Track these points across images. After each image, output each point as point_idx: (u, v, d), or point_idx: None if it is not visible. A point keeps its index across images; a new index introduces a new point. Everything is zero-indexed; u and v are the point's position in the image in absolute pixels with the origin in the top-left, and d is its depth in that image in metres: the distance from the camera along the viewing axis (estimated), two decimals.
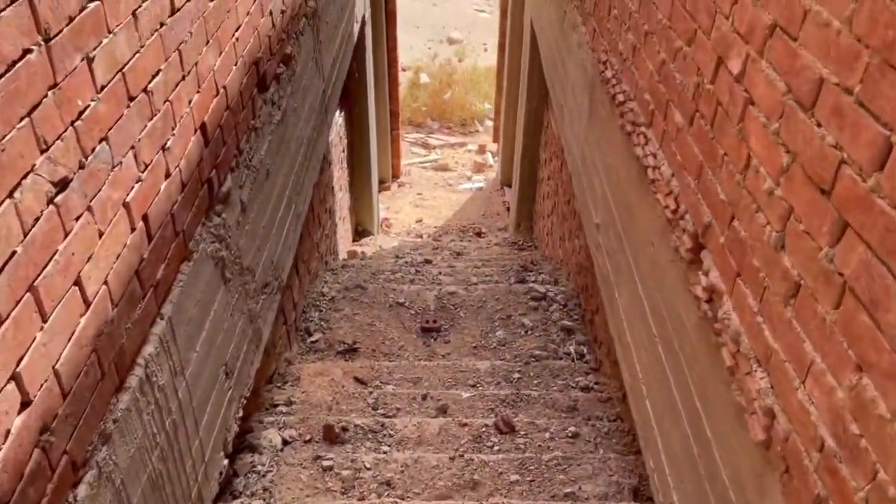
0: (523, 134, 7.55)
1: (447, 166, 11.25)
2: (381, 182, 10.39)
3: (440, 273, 6.16)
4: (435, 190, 10.55)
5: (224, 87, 2.68)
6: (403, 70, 15.57)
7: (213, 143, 2.56)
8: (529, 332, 4.86)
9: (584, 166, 4.08)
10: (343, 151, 6.99)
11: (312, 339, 4.75)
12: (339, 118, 6.75)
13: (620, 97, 3.22)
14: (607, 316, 3.46)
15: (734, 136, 1.98)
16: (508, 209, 9.79)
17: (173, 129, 2.18)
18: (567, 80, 4.65)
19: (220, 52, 2.63)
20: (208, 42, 2.49)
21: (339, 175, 6.78)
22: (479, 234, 9.16)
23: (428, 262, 6.64)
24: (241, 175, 2.90)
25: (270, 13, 3.35)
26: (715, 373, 2.10)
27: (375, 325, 4.94)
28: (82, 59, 1.62)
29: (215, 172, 2.59)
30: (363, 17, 6.75)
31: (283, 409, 3.91)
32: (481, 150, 12.07)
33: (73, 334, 1.61)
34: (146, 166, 2.00)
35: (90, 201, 1.68)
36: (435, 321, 4.97)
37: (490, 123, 13.40)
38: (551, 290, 5.28)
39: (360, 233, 8.14)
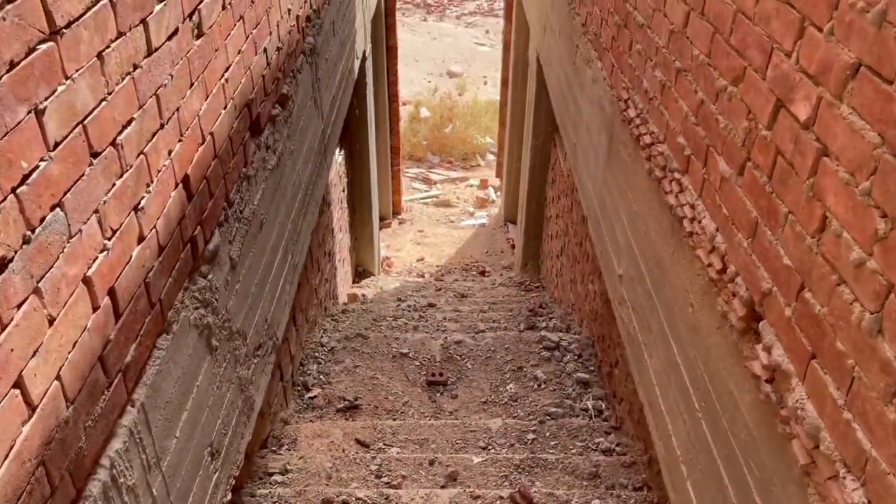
0: (529, 171, 7.30)
1: (449, 202, 10.99)
2: (382, 219, 10.12)
3: (445, 318, 5.84)
4: (436, 226, 10.28)
5: (211, 134, 2.40)
6: (404, 104, 15.42)
7: (198, 198, 2.27)
8: (543, 386, 4.53)
9: (602, 210, 3.80)
10: (343, 191, 6.72)
11: (311, 394, 4.43)
12: (338, 156, 6.50)
13: (647, 139, 2.95)
14: (635, 379, 3.14)
15: (803, 192, 1.69)
16: (513, 247, 9.50)
17: (148, 185, 1.90)
18: (580, 117, 4.39)
19: (207, 96, 2.36)
20: (192, 84, 2.22)
21: (339, 215, 6.51)
22: (483, 273, 8.86)
23: (432, 305, 6.34)
24: (231, 229, 2.61)
25: (265, 51, 3.09)
26: (782, 468, 1.78)
27: (378, 379, 4.61)
28: (28, 112, 1.33)
29: (200, 230, 2.30)
30: (364, 52, 6.53)
31: (279, 478, 3.57)
32: (483, 184, 11.84)
33: (10, 450, 1.30)
34: (114, 232, 1.70)
35: (37, 282, 1.38)
36: (441, 374, 4.65)
37: (492, 157, 13.20)
38: (564, 339, 4.97)
39: (360, 273, 7.84)
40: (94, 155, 1.60)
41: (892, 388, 1.35)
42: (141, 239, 1.86)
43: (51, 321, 1.43)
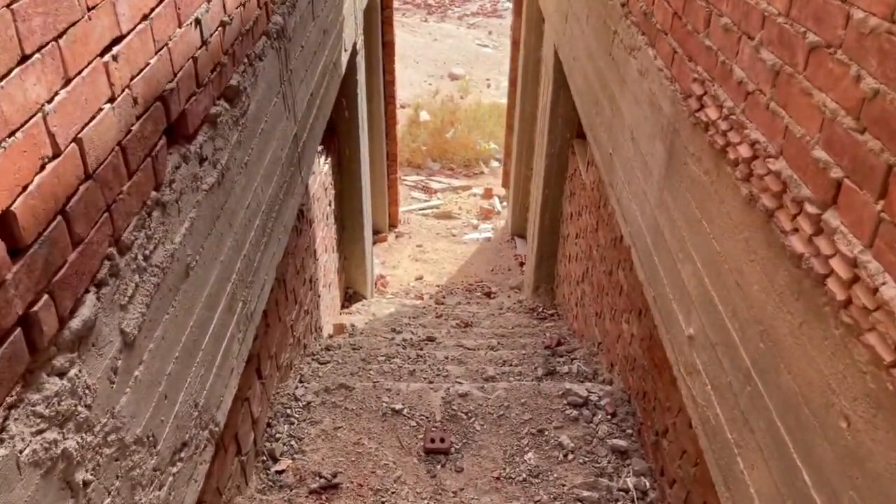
0: (543, 182, 6.39)
1: (450, 213, 10.09)
2: (377, 232, 9.21)
3: (447, 358, 4.93)
4: (437, 241, 9.38)
5: (78, 142, 1.49)
6: (402, 107, 14.54)
7: (42, 249, 1.36)
8: (570, 457, 3.61)
9: (656, 242, 2.89)
10: (329, 205, 5.82)
11: (278, 468, 3.51)
12: (324, 165, 5.60)
13: (743, 151, 2.04)
14: (719, 490, 2.22)
15: None
16: (522, 264, 8.59)
17: None
18: (619, 120, 3.49)
19: (67, 79, 1.45)
20: (27, 59, 1.31)
21: (324, 234, 5.60)
22: (488, 295, 7.95)
23: (431, 339, 5.43)
24: (124, 288, 1.70)
25: (197, 23, 2.18)
26: None
27: (364, 445, 3.70)
28: None
29: (49, 301, 1.39)
30: (354, 44, 5.63)
31: None
32: (488, 194, 10.93)
33: None
34: None
35: None
36: (442, 439, 3.73)
37: (496, 164, 12.30)
38: (593, 392, 4.05)
39: (350, 297, 6.93)
40: None
41: None
42: None
43: None
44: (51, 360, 1.41)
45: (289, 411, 3.90)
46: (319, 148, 5.28)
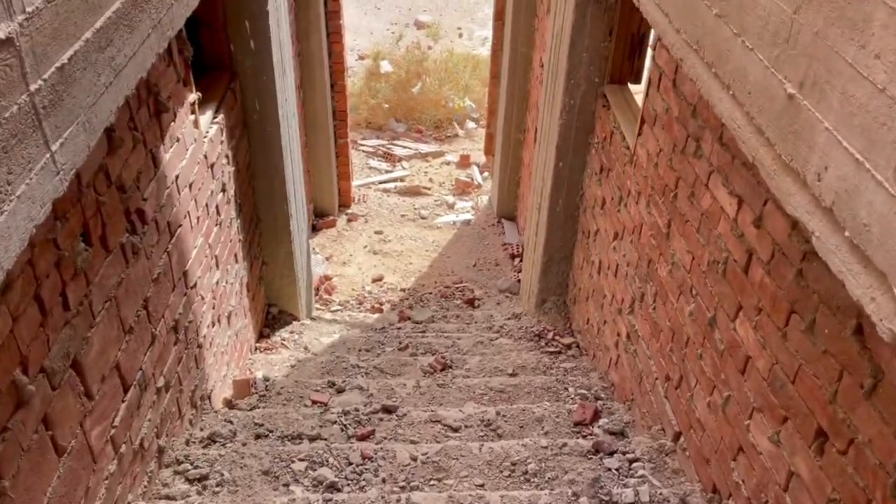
0: (556, 151, 4.28)
1: (418, 189, 7.91)
2: (322, 216, 7.05)
3: (414, 462, 2.84)
4: (401, 225, 7.23)
5: None
6: (361, 58, 12.23)
7: None
8: None
9: None
10: (224, 191, 3.64)
11: None
12: (207, 127, 3.41)
13: None
14: None
15: None
16: (513, 256, 6.50)
17: None
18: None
19: None
20: None
21: (214, 240, 3.44)
22: (471, 303, 5.87)
23: (389, 410, 3.34)
24: None
25: None
26: None
27: None
28: None
29: None
30: None
31: None
32: (464, 162, 8.79)
33: None
34: None
35: None
36: None
37: (473, 125, 10.13)
38: None
39: (273, 320, 4.79)
40: None
41: None
42: None
43: None
44: None
45: None
46: (192, 97, 3.09)
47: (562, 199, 4.45)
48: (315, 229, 6.89)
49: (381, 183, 8.21)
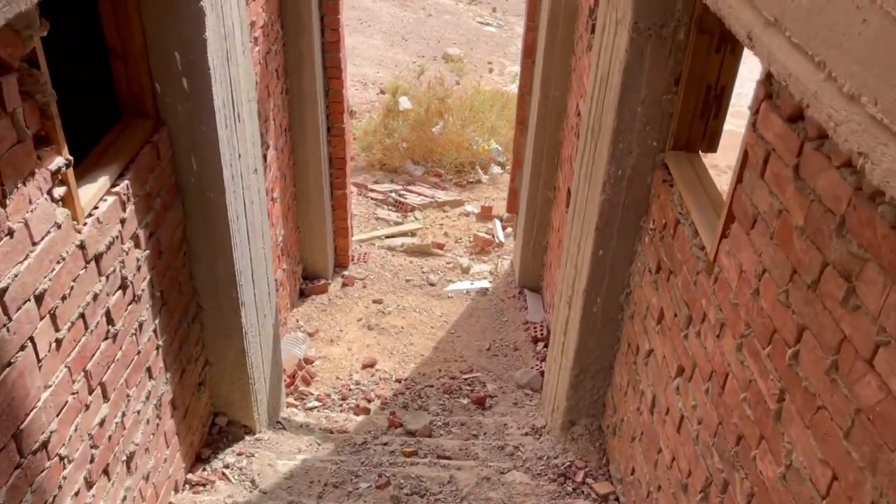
0: (595, 234, 3.17)
1: (428, 249, 6.83)
2: (314, 279, 6.02)
3: None
4: (406, 294, 6.15)
5: None
6: (382, 93, 11.30)
7: None
8: None
9: None
10: (123, 290, 2.59)
11: None
12: (101, 205, 2.38)
13: None
14: None
15: None
16: (536, 340, 5.38)
17: None
18: None
19: None
20: None
21: (97, 366, 2.38)
22: (481, 403, 4.74)
23: None
24: None
25: None
26: None
27: None
28: None
29: None
30: None
31: None
32: (486, 213, 7.71)
33: None
34: None
35: None
36: None
37: (498, 170, 9.07)
38: None
39: (219, 435, 3.70)
40: None
41: None
42: None
43: None
44: None
45: None
46: (57, 164, 2.05)
47: (600, 299, 3.33)
48: (303, 295, 5.84)
49: (387, 237, 7.16)
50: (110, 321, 2.46)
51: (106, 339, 2.45)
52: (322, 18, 5.21)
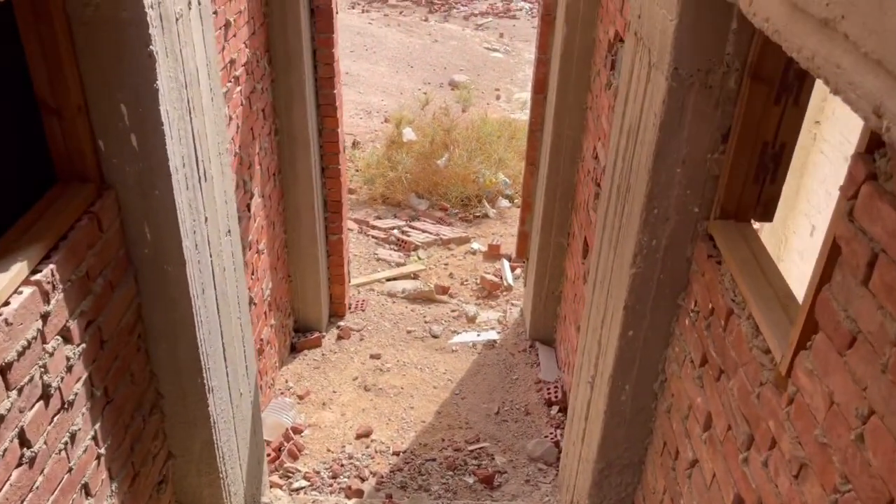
0: (624, 312, 2.67)
1: (431, 296, 6.34)
2: (306, 331, 5.53)
3: None
4: (406, 347, 5.64)
5: None
6: (386, 122, 10.88)
7: None
8: None
9: None
10: (46, 399, 2.10)
11: None
12: (16, 297, 1.91)
13: None
14: None
15: None
16: (550, 403, 4.85)
17: None
18: None
19: None
20: None
21: (9, 497, 1.89)
22: (488, 482, 4.22)
23: None
24: None
25: None
26: None
27: None
28: None
29: None
30: None
31: None
32: (493, 252, 7.23)
33: None
34: None
35: None
36: None
37: (506, 204, 8.60)
38: None
39: None
40: None
41: None
42: None
43: None
44: None
45: None
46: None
47: (629, 386, 2.83)
48: (294, 350, 5.35)
49: (388, 280, 6.67)
50: (24, 443, 1.98)
51: (19, 465, 1.96)
52: (315, 52, 4.78)
